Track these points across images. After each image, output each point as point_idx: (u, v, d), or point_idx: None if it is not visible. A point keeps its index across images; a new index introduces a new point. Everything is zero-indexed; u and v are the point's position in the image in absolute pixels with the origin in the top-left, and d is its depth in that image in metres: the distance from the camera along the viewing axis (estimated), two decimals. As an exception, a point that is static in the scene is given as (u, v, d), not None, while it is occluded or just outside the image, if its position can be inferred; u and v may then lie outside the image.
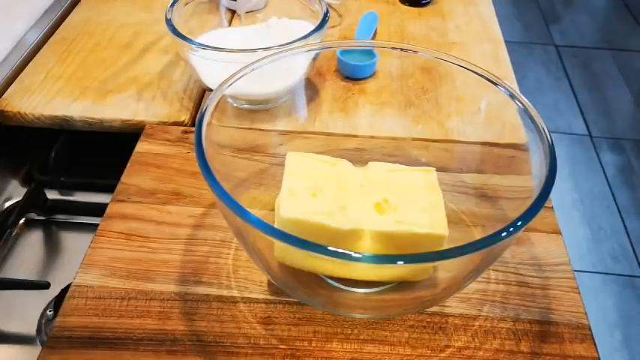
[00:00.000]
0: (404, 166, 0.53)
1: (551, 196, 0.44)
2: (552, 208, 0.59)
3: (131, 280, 0.52)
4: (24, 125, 0.72)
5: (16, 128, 0.72)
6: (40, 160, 0.74)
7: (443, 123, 0.62)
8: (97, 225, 0.56)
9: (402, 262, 0.38)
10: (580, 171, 1.86)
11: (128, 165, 0.63)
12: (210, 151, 0.45)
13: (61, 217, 0.72)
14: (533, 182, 0.46)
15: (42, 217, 0.72)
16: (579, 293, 0.52)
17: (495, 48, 0.86)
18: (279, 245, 0.45)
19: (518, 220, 0.40)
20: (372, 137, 0.65)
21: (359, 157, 0.60)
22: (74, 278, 0.52)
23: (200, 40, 0.71)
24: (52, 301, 0.61)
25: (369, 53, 0.74)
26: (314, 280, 0.50)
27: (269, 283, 0.52)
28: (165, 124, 0.70)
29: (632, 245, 1.63)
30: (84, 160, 0.76)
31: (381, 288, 0.50)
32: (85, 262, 0.53)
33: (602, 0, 2.83)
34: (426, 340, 0.48)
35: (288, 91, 0.66)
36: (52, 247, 0.70)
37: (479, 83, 0.53)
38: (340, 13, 0.92)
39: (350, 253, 0.37)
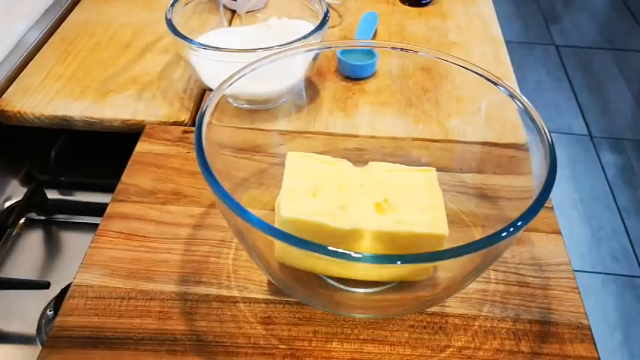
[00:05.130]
0: (404, 166, 0.53)
1: (551, 196, 0.44)
2: (552, 208, 0.59)
3: (131, 280, 0.52)
4: (24, 125, 0.72)
5: (16, 128, 0.72)
6: (40, 160, 0.74)
7: (443, 123, 0.62)
8: (97, 225, 0.57)
9: (401, 262, 0.38)
10: (580, 171, 1.86)
11: (128, 165, 0.63)
12: (210, 151, 0.45)
13: (61, 217, 0.72)
14: (533, 182, 0.46)
15: (42, 217, 0.72)
16: (579, 293, 0.52)
17: (495, 48, 0.86)
18: (279, 245, 0.45)
19: (518, 220, 0.40)
20: (372, 137, 0.65)
21: (359, 157, 0.60)
22: (74, 278, 0.52)
23: (200, 40, 0.71)
24: (52, 301, 0.61)
25: (369, 53, 0.74)
26: (314, 280, 0.50)
27: (269, 283, 0.52)
28: (165, 124, 0.70)
29: (632, 245, 1.63)
30: (84, 160, 0.76)
31: (381, 288, 0.50)
32: (85, 262, 0.53)
33: (602, 0, 2.83)
34: (426, 340, 0.48)
35: (288, 91, 0.66)
36: (52, 247, 0.70)
37: (479, 83, 0.53)
38: (340, 13, 0.92)
39: (350, 253, 0.37)
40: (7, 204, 0.72)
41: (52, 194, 0.73)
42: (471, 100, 0.58)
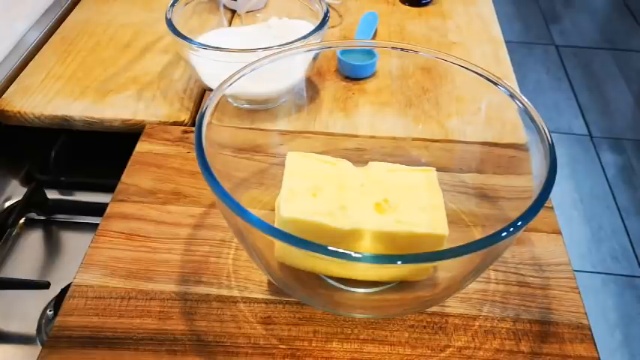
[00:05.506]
0: (404, 166, 0.53)
1: (551, 196, 0.44)
2: (552, 208, 0.59)
3: (131, 280, 0.52)
4: (24, 125, 0.72)
5: (16, 128, 0.72)
6: (40, 160, 0.74)
7: (443, 123, 0.62)
8: (97, 225, 0.57)
9: (401, 262, 0.38)
10: (580, 171, 1.86)
11: (128, 165, 0.63)
12: (210, 151, 0.45)
13: (61, 217, 0.72)
14: (533, 182, 0.46)
15: (42, 217, 0.72)
16: (579, 293, 0.52)
17: (495, 48, 0.86)
18: (279, 245, 0.45)
19: (518, 220, 0.40)
20: (372, 137, 0.65)
21: (359, 157, 0.60)
22: (74, 278, 0.52)
23: (200, 40, 0.71)
24: (52, 301, 0.61)
25: (369, 53, 0.74)
26: (314, 280, 0.50)
27: (269, 283, 0.52)
28: (165, 124, 0.70)
29: (632, 245, 1.63)
30: (84, 160, 0.76)
31: (381, 288, 0.50)
32: (85, 261, 0.53)
33: (602, 0, 2.83)
34: (426, 340, 0.48)
35: (288, 91, 0.66)
36: (52, 247, 0.70)
37: (479, 83, 0.53)
38: (340, 13, 0.92)
39: (350, 253, 0.37)
40: (7, 204, 0.72)
41: (52, 194, 0.73)
42: (471, 100, 0.57)
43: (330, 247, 0.37)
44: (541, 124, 0.47)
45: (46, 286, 0.61)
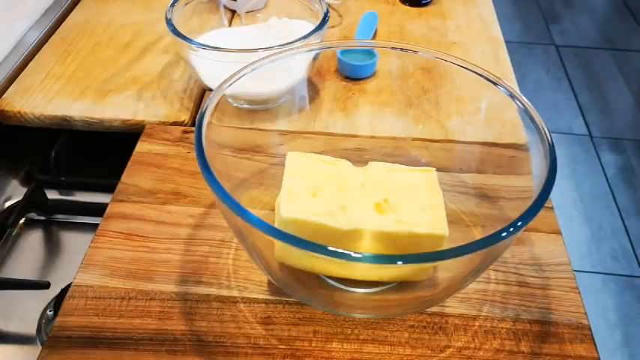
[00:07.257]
0: (404, 166, 0.53)
1: (551, 196, 0.44)
2: (552, 208, 0.59)
3: (131, 280, 0.52)
4: (24, 125, 0.72)
5: (16, 128, 0.72)
6: (40, 160, 0.74)
7: (443, 123, 0.62)
8: (97, 225, 0.57)
9: (402, 262, 0.38)
10: (580, 171, 1.86)
11: (128, 165, 0.63)
12: (210, 151, 0.45)
13: (61, 217, 0.72)
14: (533, 182, 0.47)
15: (42, 217, 0.72)
16: (579, 293, 0.52)
17: (495, 48, 0.86)
18: (279, 245, 0.45)
19: (518, 220, 0.40)
20: (372, 137, 0.65)
21: (359, 157, 0.60)
22: (74, 278, 0.52)
23: (200, 40, 0.71)
24: (52, 301, 0.61)
25: (369, 53, 0.74)
26: (314, 280, 0.50)
27: (269, 283, 0.52)
28: (165, 124, 0.70)
29: (632, 245, 1.63)
30: (84, 160, 0.76)
31: (381, 288, 0.50)
32: (85, 262, 0.53)
33: (602, 0, 2.83)
34: (426, 340, 0.48)
35: (288, 91, 0.66)
36: (52, 247, 0.70)
37: (479, 83, 0.53)
38: (340, 13, 0.92)
39: (350, 253, 0.37)
40: (7, 204, 0.72)
41: (52, 194, 0.73)
42: (471, 100, 0.58)
43: (330, 247, 0.37)
44: (541, 124, 0.47)
45: (46, 286, 0.61)
